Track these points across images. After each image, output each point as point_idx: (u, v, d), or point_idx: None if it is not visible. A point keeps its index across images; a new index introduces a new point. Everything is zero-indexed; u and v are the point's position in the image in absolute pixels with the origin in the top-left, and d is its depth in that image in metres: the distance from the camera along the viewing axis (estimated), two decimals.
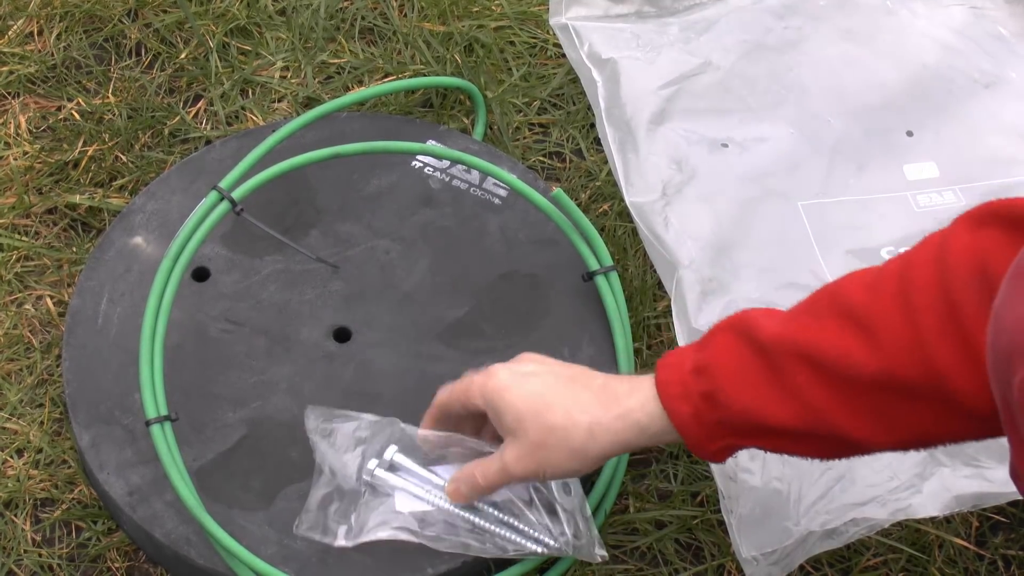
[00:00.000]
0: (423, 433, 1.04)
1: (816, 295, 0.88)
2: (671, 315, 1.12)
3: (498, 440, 0.99)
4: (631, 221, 1.19)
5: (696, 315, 1.10)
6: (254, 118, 1.35)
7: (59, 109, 1.36)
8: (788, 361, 0.85)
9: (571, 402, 0.94)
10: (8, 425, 1.16)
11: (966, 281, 0.80)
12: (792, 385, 0.85)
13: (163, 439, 1.05)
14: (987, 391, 0.75)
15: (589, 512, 1.05)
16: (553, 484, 1.04)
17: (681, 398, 0.89)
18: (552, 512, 1.04)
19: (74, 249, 1.26)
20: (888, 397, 0.83)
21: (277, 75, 1.39)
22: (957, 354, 0.80)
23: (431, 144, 1.26)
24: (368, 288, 1.19)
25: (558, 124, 1.36)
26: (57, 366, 1.18)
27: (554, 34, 1.36)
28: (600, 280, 1.17)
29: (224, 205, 1.16)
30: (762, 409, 0.86)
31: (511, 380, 0.96)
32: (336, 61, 1.40)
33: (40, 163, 1.31)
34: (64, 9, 1.43)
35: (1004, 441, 1.05)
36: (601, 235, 1.20)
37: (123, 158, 1.32)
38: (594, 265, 1.18)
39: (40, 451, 1.14)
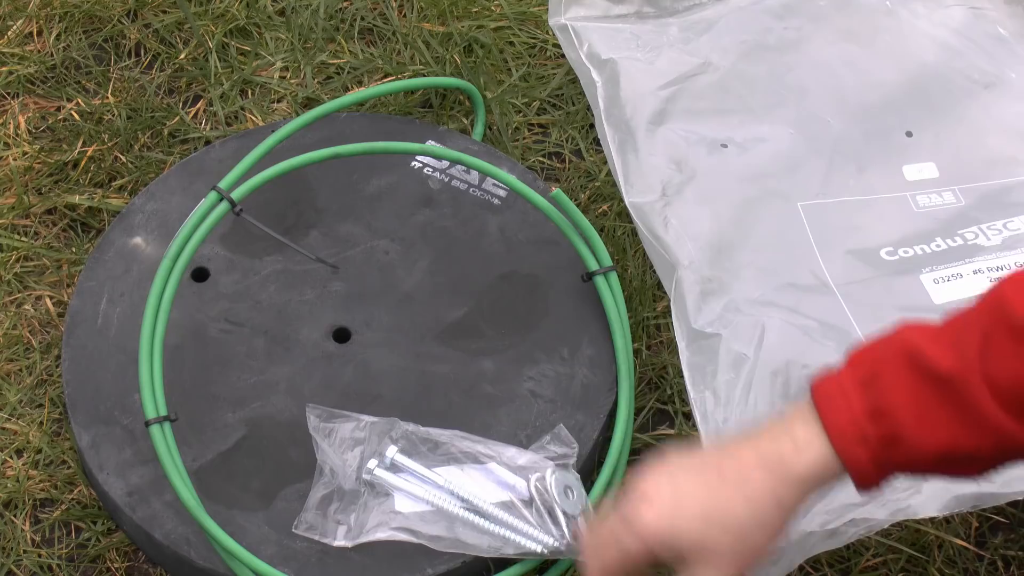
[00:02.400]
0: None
1: (977, 306, 0.82)
2: (670, 315, 1.12)
3: None
4: (630, 221, 1.19)
5: (696, 315, 1.10)
6: (253, 118, 1.35)
7: (58, 109, 1.36)
8: (972, 389, 0.80)
9: (747, 496, 0.85)
10: (8, 425, 1.16)
11: None
12: (979, 414, 0.80)
13: (163, 439, 1.05)
14: None
15: (592, 513, 1.05)
16: (553, 486, 1.04)
17: (859, 444, 0.83)
18: (552, 513, 1.04)
19: (73, 249, 1.26)
20: None
21: (276, 75, 1.39)
22: None
23: (431, 144, 1.26)
24: (368, 288, 1.19)
25: (557, 124, 1.36)
26: (57, 366, 1.18)
27: (553, 34, 1.36)
28: (599, 280, 1.17)
29: (223, 205, 1.16)
30: (952, 444, 0.81)
31: (668, 520, 0.85)
32: (336, 61, 1.40)
33: (40, 163, 1.31)
34: (64, 9, 1.43)
35: None
36: (600, 235, 1.20)
37: (122, 158, 1.32)
38: (593, 265, 1.18)
39: (40, 451, 1.14)
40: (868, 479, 0.84)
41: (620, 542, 0.86)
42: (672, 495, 0.86)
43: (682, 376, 1.08)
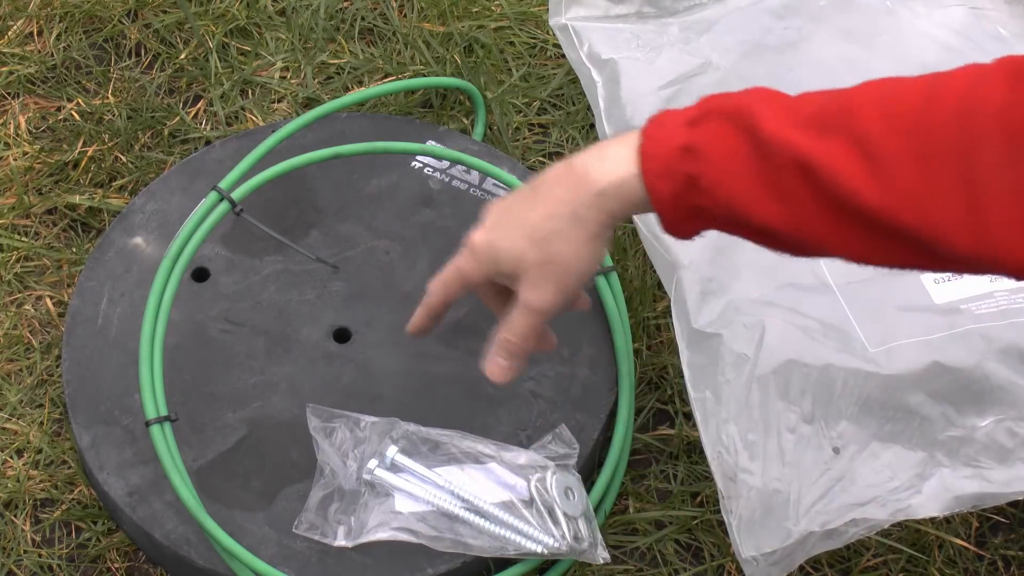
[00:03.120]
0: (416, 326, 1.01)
1: (829, 100, 0.83)
2: (671, 315, 1.12)
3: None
4: (631, 221, 1.19)
5: (696, 315, 1.10)
6: (254, 118, 1.35)
7: (59, 109, 1.37)
8: (786, 166, 0.81)
9: (548, 207, 0.88)
10: (8, 425, 1.16)
11: (994, 143, 0.76)
12: (784, 189, 0.81)
13: (163, 439, 1.05)
14: (978, 247, 0.75)
15: (592, 514, 1.05)
16: (554, 488, 1.04)
17: (663, 176, 0.84)
18: (552, 514, 1.04)
19: (74, 249, 1.26)
20: (877, 231, 0.80)
21: (277, 75, 1.39)
22: (963, 216, 0.77)
23: (431, 144, 1.27)
24: (368, 288, 1.19)
25: (558, 124, 1.36)
26: (57, 366, 1.18)
27: (554, 34, 1.36)
28: (600, 280, 1.17)
29: (224, 205, 1.16)
30: (748, 205, 0.82)
31: (488, 235, 0.91)
32: (336, 61, 1.40)
33: (40, 163, 1.31)
34: (64, 10, 1.43)
35: (1004, 441, 1.05)
36: None
37: (123, 158, 1.32)
38: None
39: (40, 451, 1.14)
40: (669, 215, 0.85)
41: (457, 268, 0.94)
42: (496, 213, 0.92)
43: (682, 376, 1.09)
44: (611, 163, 0.86)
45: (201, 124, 1.36)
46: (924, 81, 0.82)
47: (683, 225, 0.86)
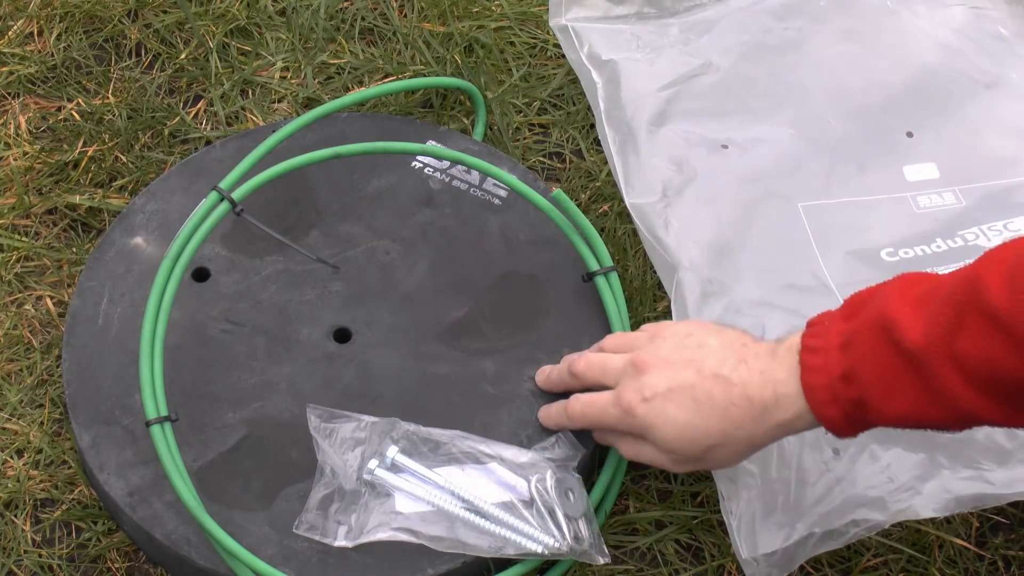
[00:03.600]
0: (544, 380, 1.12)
1: (955, 282, 0.87)
2: (671, 316, 1.12)
3: None
4: (631, 222, 1.19)
5: (696, 316, 1.10)
6: (254, 118, 1.35)
7: (59, 109, 1.36)
8: (936, 368, 0.86)
9: (726, 425, 0.96)
10: (8, 425, 1.16)
11: None
12: (942, 390, 0.86)
13: (163, 440, 1.05)
14: None
15: (593, 514, 1.05)
16: (554, 489, 1.04)
17: (831, 404, 0.91)
18: (553, 515, 1.04)
19: (74, 249, 1.26)
20: None
21: (277, 75, 1.39)
22: None
23: (431, 144, 1.26)
24: (368, 289, 1.19)
25: (558, 125, 1.36)
26: (57, 366, 1.18)
27: (554, 35, 1.36)
28: (600, 281, 1.17)
29: (224, 205, 1.16)
30: (914, 414, 0.88)
31: (650, 413, 0.99)
32: (336, 62, 1.40)
33: (40, 163, 1.31)
34: (64, 10, 1.43)
35: (1004, 442, 1.05)
36: (601, 236, 1.20)
37: (123, 158, 1.32)
38: (594, 266, 1.18)
39: (40, 451, 1.14)
40: (842, 432, 0.93)
41: (608, 411, 1.02)
42: (664, 396, 0.98)
43: None
44: (784, 399, 0.93)
45: (201, 124, 1.36)
46: None
47: (855, 432, 0.93)
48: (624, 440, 1.04)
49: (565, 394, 1.09)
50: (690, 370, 0.98)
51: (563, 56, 1.37)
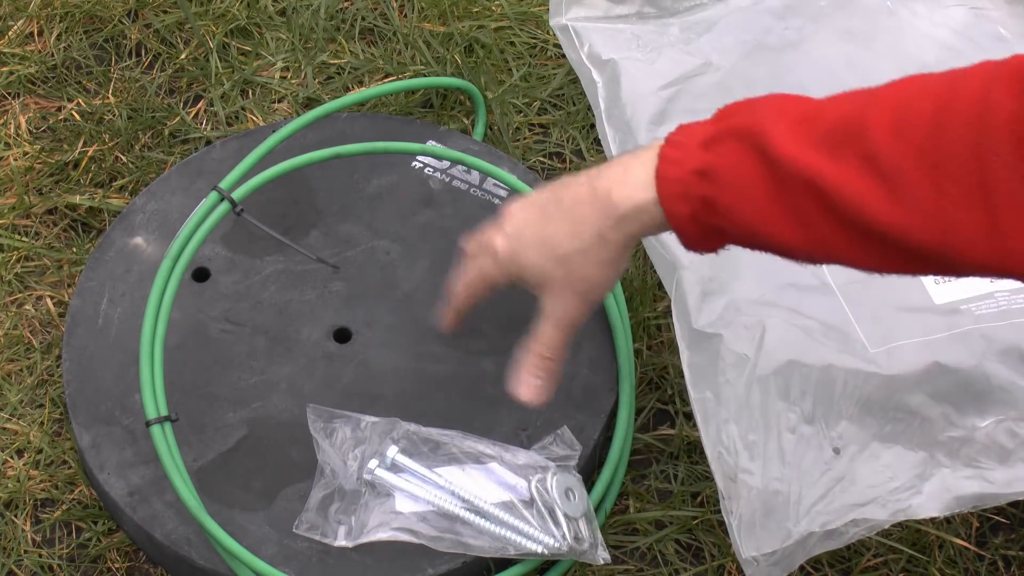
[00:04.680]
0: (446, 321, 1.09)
1: (842, 114, 0.83)
2: (671, 315, 1.12)
3: None
4: None
5: (696, 315, 1.10)
6: (254, 118, 1.35)
7: (59, 109, 1.37)
8: (800, 190, 0.82)
9: (572, 226, 0.92)
10: (8, 425, 1.16)
11: (1006, 158, 0.76)
12: (800, 213, 0.82)
13: (163, 440, 1.05)
14: (997, 258, 0.76)
15: (593, 514, 1.05)
16: (555, 489, 1.04)
17: (681, 199, 0.86)
18: (553, 515, 1.04)
19: (74, 249, 1.26)
20: (894, 248, 0.81)
21: (277, 75, 1.39)
22: (980, 230, 0.77)
23: (431, 145, 1.27)
24: (368, 288, 1.19)
25: (558, 124, 1.36)
26: (57, 366, 1.18)
27: (554, 35, 1.36)
28: None
29: (224, 205, 1.16)
30: (765, 227, 0.84)
31: (511, 244, 0.96)
32: (336, 61, 1.40)
33: (40, 163, 1.31)
34: (64, 10, 1.43)
35: (1005, 442, 1.05)
36: None
37: (123, 158, 1.32)
38: None
39: (40, 451, 1.14)
40: (690, 235, 0.88)
41: (478, 262, 0.99)
42: (518, 222, 0.95)
43: (683, 376, 1.09)
44: (632, 186, 0.88)
45: (201, 124, 1.36)
46: (936, 87, 0.81)
47: (703, 244, 0.88)
48: (539, 302, 0.98)
49: None
50: (544, 192, 0.96)
51: (563, 56, 1.37)
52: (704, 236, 0.87)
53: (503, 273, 0.98)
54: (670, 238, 1.14)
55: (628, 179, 0.88)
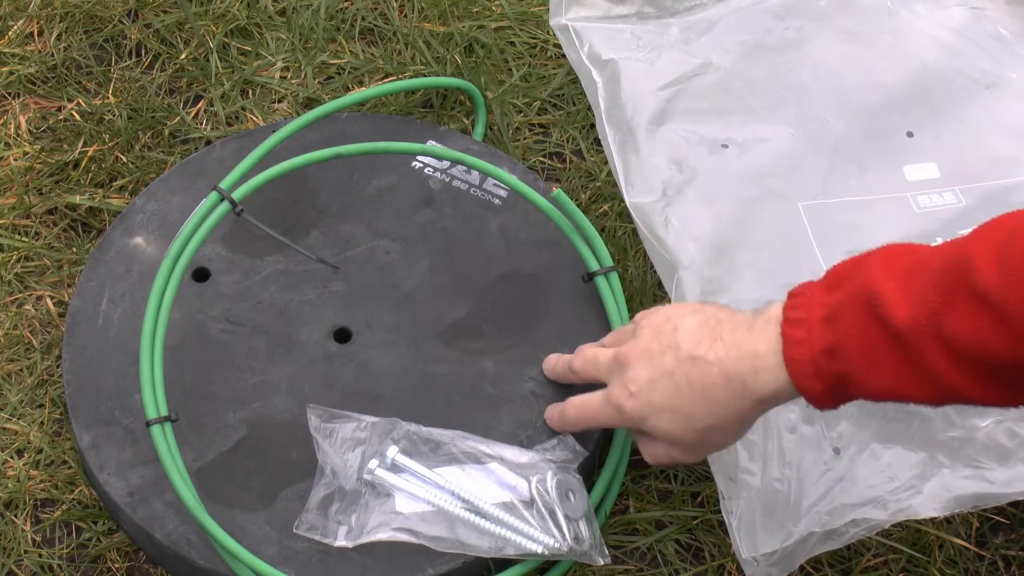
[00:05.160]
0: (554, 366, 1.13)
1: (943, 259, 0.86)
2: None
3: None
4: (631, 222, 1.19)
5: None
6: (254, 118, 1.35)
7: (59, 109, 1.37)
8: (923, 347, 0.85)
9: (710, 407, 0.96)
10: (8, 425, 1.16)
11: None
12: (928, 369, 0.85)
13: (163, 440, 1.05)
14: None
15: (593, 515, 1.05)
16: (555, 490, 1.04)
17: (814, 378, 0.90)
18: (553, 515, 1.04)
19: (74, 249, 1.26)
20: (1021, 378, 0.84)
21: (277, 75, 1.39)
22: None
23: (431, 145, 1.27)
24: (368, 289, 1.19)
25: (558, 125, 1.36)
26: (57, 366, 1.18)
27: (554, 35, 1.36)
28: (600, 281, 1.17)
29: (224, 206, 1.16)
30: (900, 391, 0.88)
31: (640, 408, 0.99)
32: (336, 62, 1.40)
33: (40, 163, 1.31)
34: (64, 10, 1.43)
35: (1005, 442, 1.05)
36: (601, 236, 1.20)
37: (123, 158, 1.32)
38: (594, 266, 1.18)
39: (40, 452, 1.14)
40: (824, 405, 0.92)
41: (601, 411, 1.03)
42: (645, 386, 0.99)
43: None
44: (764, 372, 0.92)
45: (201, 124, 1.36)
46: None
47: (836, 404, 0.92)
48: (639, 440, 1.04)
49: (569, 390, 1.09)
50: (668, 356, 0.98)
51: (563, 56, 1.37)
52: (837, 401, 0.92)
53: (620, 424, 1.03)
54: (671, 238, 1.15)
55: (759, 364, 0.93)
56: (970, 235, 0.86)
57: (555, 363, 1.12)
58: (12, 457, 1.14)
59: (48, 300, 1.23)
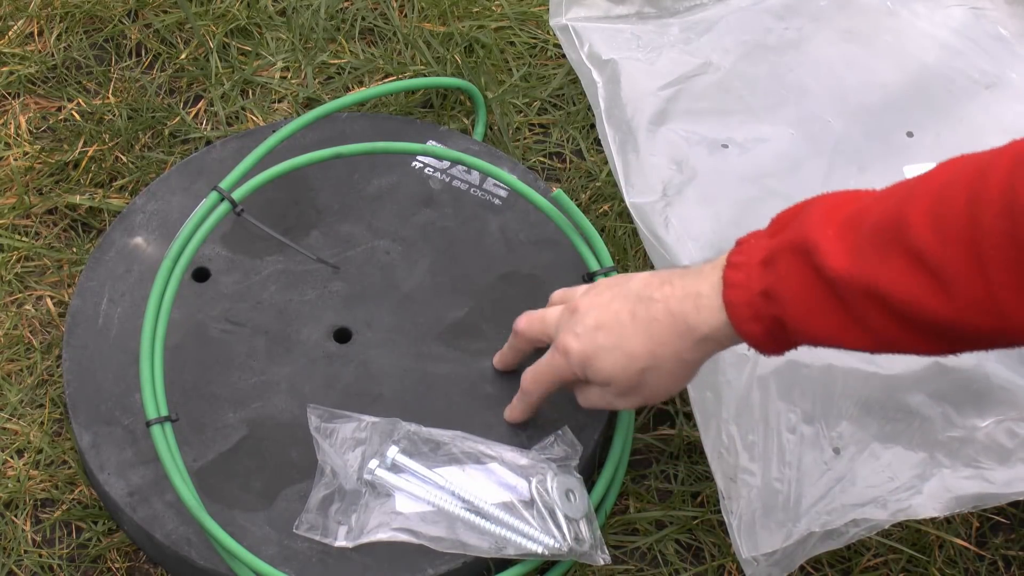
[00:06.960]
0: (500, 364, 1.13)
1: (879, 217, 0.85)
2: None
3: None
4: (631, 222, 1.19)
5: None
6: (254, 118, 1.35)
7: (59, 109, 1.37)
8: (858, 299, 0.85)
9: (650, 344, 0.96)
10: (8, 425, 1.16)
11: None
12: (864, 319, 0.86)
13: (163, 440, 1.05)
14: None
15: (593, 515, 1.05)
16: (555, 490, 1.04)
17: (753, 320, 0.90)
18: (553, 516, 1.04)
19: (74, 249, 1.26)
20: (956, 336, 0.84)
21: (277, 75, 1.39)
22: None
23: (431, 145, 1.27)
24: (368, 288, 1.19)
25: (558, 124, 1.36)
26: (57, 366, 1.18)
27: (554, 35, 1.36)
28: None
29: (224, 206, 1.16)
30: (836, 338, 0.88)
31: (585, 347, 0.99)
32: (336, 61, 1.40)
33: (40, 163, 1.31)
34: (64, 10, 1.43)
35: (1005, 442, 1.05)
36: (601, 236, 1.20)
37: (123, 158, 1.32)
38: (594, 265, 1.18)
39: (40, 451, 1.14)
40: (767, 349, 0.92)
41: (552, 362, 1.03)
42: (590, 324, 0.99)
43: None
44: (705, 311, 0.93)
45: (202, 124, 1.36)
46: (967, 174, 0.83)
47: (778, 350, 0.93)
48: (578, 388, 1.05)
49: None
50: (617, 300, 0.98)
51: (563, 56, 1.37)
52: (779, 345, 0.92)
53: (573, 372, 1.02)
54: (671, 238, 1.15)
55: (701, 303, 0.93)
56: (909, 187, 0.86)
57: (501, 350, 1.13)
58: (12, 457, 1.14)
59: (48, 300, 1.23)
